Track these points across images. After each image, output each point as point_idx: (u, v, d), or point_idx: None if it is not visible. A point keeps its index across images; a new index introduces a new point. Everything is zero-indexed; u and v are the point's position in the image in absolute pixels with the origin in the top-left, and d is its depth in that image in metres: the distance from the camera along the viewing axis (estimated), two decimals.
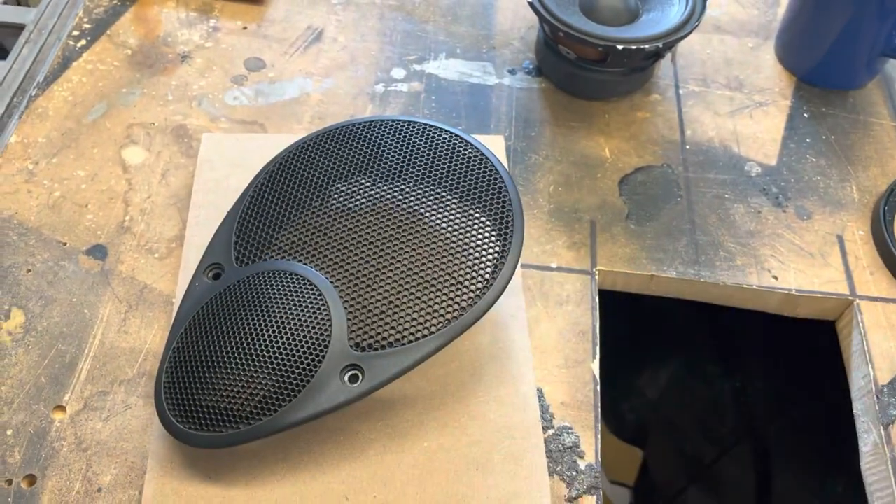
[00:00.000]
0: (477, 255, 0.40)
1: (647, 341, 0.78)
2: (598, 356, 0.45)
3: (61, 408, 0.41)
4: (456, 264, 0.40)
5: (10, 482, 0.39)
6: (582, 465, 0.41)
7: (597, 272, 0.48)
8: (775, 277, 0.49)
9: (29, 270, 0.46)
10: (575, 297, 0.47)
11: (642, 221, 0.51)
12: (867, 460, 0.44)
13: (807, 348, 0.71)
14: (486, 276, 0.40)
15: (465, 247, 0.40)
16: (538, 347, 0.45)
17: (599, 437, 0.42)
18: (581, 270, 0.48)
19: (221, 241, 0.41)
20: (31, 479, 0.39)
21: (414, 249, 0.40)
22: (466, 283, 0.39)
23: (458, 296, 0.39)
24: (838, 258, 0.50)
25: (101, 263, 0.46)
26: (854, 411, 0.46)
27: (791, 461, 0.74)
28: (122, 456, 0.40)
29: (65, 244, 0.47)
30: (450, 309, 0.39)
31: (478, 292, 0.39)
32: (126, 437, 0.40)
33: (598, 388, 0.43)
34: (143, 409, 0.41)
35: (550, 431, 0.42)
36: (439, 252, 0.40)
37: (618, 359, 0.50)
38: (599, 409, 0.43)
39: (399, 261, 0.40)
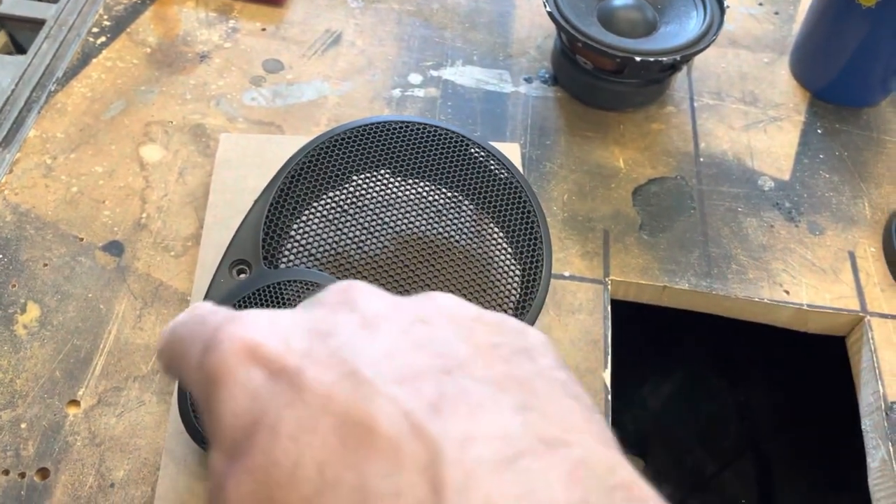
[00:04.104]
0: (504, 292, 0.41)
1: (651, 351, 0.78)
2: (609, 366, 0.45)
3: (75, 402, 0.41)
4: (483, 299, 0.41)
5: (23, 475, 0.39)
6: None
7: (609, 282, 0.48)
8: (787, 292, 0.49)
9: (45, 265, 0.46)
10: (587, 306, 0.47)
11: (655, 232, 0.51)
12: (875, 476, 0.45)
13: (812, 363, 0.71)
14: (510, 315, 0.40)
15: (493, 282, 0.41)
16: None
17: None
18: (594, 280, 0.48)
19: (248, 237, 0.41)
20: (45, 473, 0.39)
21: (445, 278, 0.40)
22: None
23: None
24: (849, 274, 0.50)
25: (117, 260, 0.47)
26: (862, 427, 0.46)
27: (795, 476, 0.74)
28: (135, 452, 0.40)
29: (81, 240, 0.47)
30: None
31: None
32: (139, 433, 0.40)
33: (610, 397, 0.44)
34: (156, 405, 0.41)
35: None
36: (468, 284, 0.41)
37: (621, 368, 0.50)
38: (611, 419, 0.43)
39: (430, 289, 0.40)
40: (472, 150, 0.44)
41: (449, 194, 0.43)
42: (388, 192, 0.43)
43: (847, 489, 0.68)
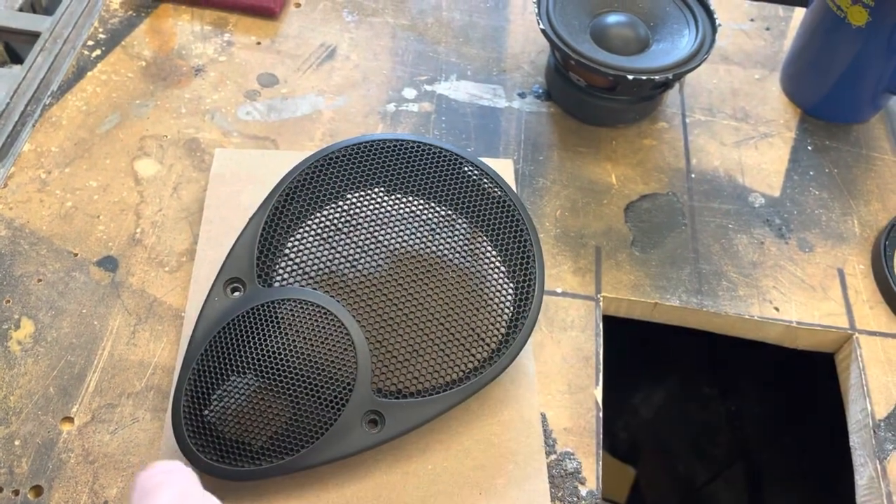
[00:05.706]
0: (496, 310, 0.41)
1: (642, 359, 0.79)
2: (601, 382, 0.45)
3: (69, 419, 0.41)
4: (477, 317, 0.41)
5: (16, 492, 0.39)
6: (583, 491, 0.41)
7: (601, 298, 0.49)
8: (777, 309, 0.49)
9: (40, 280, 0.46)
10: (579, 323, 0.47)
11: (647, 249, 0.51)
12: (863, 493, 0.45)
13: (803, 376, 0.72)
14: (503, 332, 0.41)
15: (486, 300, 0.41)
16: (542, 372, 0.45)
17: (601, 463, 0.42)
18: (586, 296, 0.49)
19: (242, 255, 0.41)
20: (38, 490, 0.39)
21: (438, 296, 0.41)
22: (485, 338, 0.40)
23: (477, 350, 0.40)
24: (839, 292, 0.50)
25: (111, 275, 0.47)
26: (851, 444, 0.47)
27: (784, 487, 0.75)
28: (128, 469, 0.40)
29: (76, 255, 0.48)
30: (469, 363, 0.40)
31: (495, 348, 0.40)
32: (133, 450, 0.41)
33: (601, 414, 0.44)
34: (150, 422, 0.42)
35: (553, 457, 0.42)
36: (462, 302, 0.41)
37: (612, 376, 0.51)
38: (601, 436, 0.43)
39: (424, 307, 0.40)
40: (466, 169, 0.45)
41: (443, 212, 0.44)
42: (383, 209, 0.43)
43: (837, 498, 0.68)
